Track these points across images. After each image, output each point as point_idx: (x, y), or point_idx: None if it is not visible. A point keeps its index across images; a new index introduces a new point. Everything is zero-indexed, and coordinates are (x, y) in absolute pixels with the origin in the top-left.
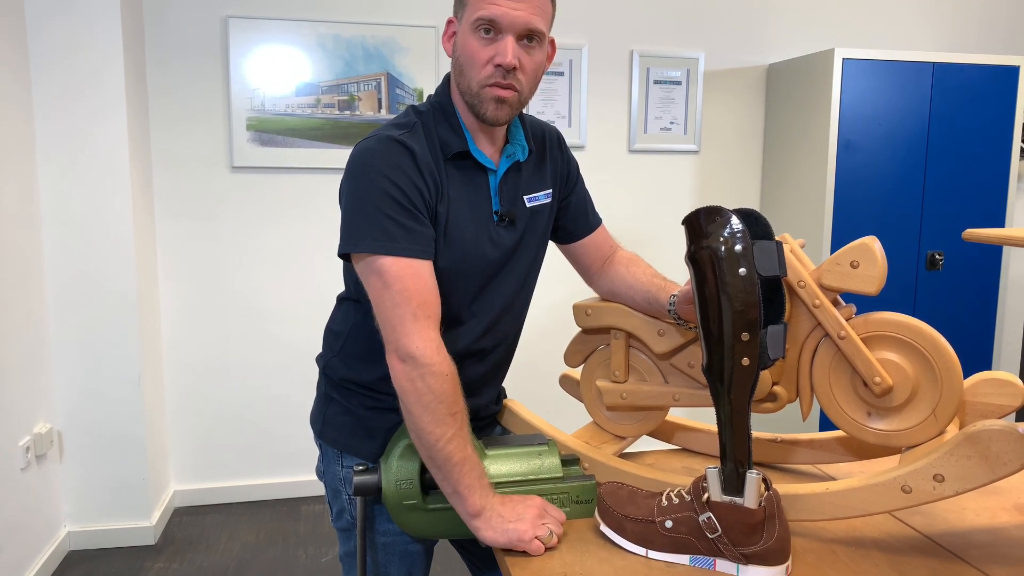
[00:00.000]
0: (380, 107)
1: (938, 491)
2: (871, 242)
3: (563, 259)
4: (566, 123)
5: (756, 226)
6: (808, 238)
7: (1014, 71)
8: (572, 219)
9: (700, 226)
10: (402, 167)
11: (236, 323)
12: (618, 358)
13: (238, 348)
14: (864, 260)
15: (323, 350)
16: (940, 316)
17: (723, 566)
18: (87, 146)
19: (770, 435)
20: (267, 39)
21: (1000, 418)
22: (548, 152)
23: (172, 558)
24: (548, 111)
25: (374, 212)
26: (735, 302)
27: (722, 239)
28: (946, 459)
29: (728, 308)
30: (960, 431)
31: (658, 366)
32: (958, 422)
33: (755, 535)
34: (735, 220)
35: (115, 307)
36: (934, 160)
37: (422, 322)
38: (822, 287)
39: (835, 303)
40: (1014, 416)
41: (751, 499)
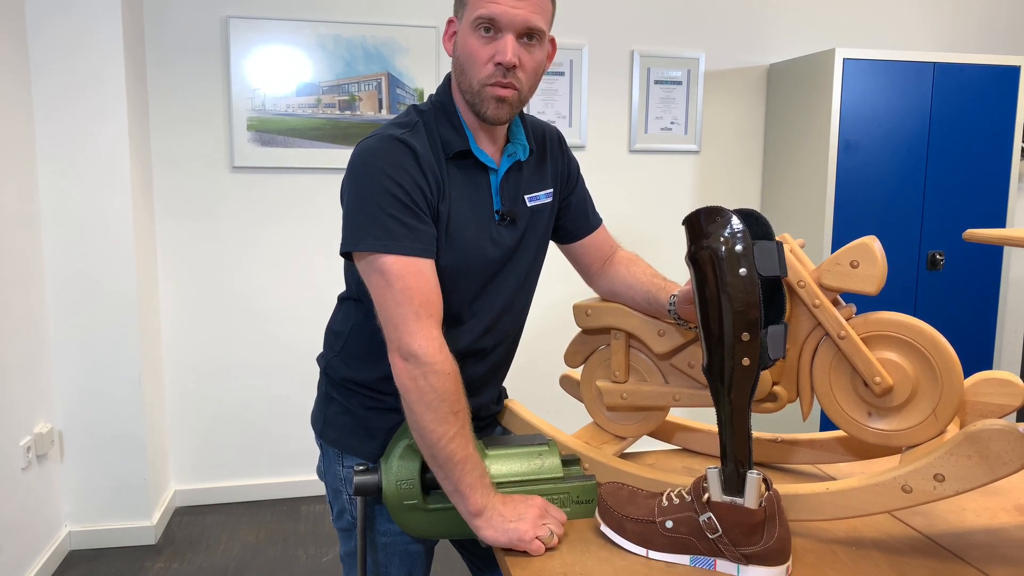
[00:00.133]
0: (381, 107)
1: (938, 491)
2: (871, 242)
3: (563, 259)
4: (566, 123)
5: (756, 226)
6: (808, 238)
7: (1015, 71)
8: (572, 219)
9: (700, 226)
10: (404, 166)
11: (236, 323)
12: (618, 358)
13: (238, 348)
14: (864, 260)
15: (324, 350)
16: (941, 316)
17: (723, 566)
18: (87, 146)
19: (770, 435)
20: (267, 39)
21: (1000, 418)
22: (549, 152)
23: (172, 558)
24: (548, 111)
25: (376, 211)
26: (735, 302)
27: (722, 239)
28: (946, 459)
29: (728, 308)
30: (960, 431)
31: (658, 366)
32: (958, 422)
33: (755, 535)
34: (735, 220)
35: (115, 307)
36: (935, 160)
37: (424, 321)
38: (822, 287)
39: (835, 303)
40: (1014, 416)
41: (751, 499)
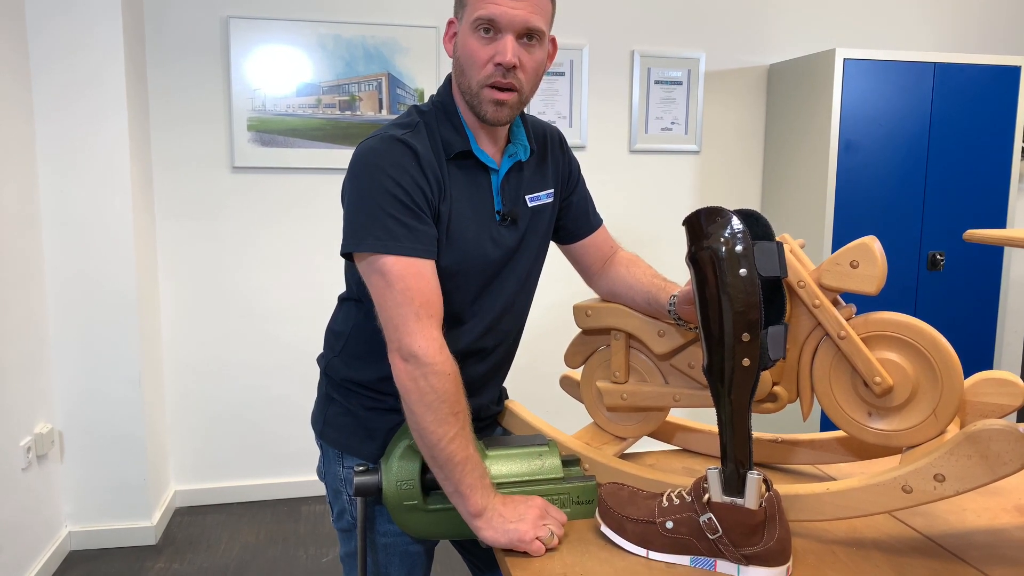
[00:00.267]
0: (381, 107)
1: (939, 491)
2: (871, 242)
3: (564, 259)
4: (567, 123)
5: (756, 227)
6: (808, 238)
7: (1015, 71)
8: (573, 219)
9: (701, 227)
10: (405, 166)
11: (236, 323)
12: (618, 359)
13: (238, 348)
14: (864, 260)
15: (324, 350)
16: (941, 316)
17: (724, 567)
18: (87, 146)
19: (771, 435)
20: (268, 39)
21: (1000, 418)
22: (550, 152)
23: (173, 558)
24: (549, 111)
25: (377, 211)
26: (736, 303)
27: (723, 240)
28: (946, 459)
29: (729, 309)
30: (961, 431)
31: (658, 367)
32: (959, 422)
33: (756, 536)
34: (736, 221)
35: (115, 307)
36: (935, 160)
37: (425, 321)
38: (822, 287)
39: (835, 303)
40: (1015, 416)
41: (752, 500)
